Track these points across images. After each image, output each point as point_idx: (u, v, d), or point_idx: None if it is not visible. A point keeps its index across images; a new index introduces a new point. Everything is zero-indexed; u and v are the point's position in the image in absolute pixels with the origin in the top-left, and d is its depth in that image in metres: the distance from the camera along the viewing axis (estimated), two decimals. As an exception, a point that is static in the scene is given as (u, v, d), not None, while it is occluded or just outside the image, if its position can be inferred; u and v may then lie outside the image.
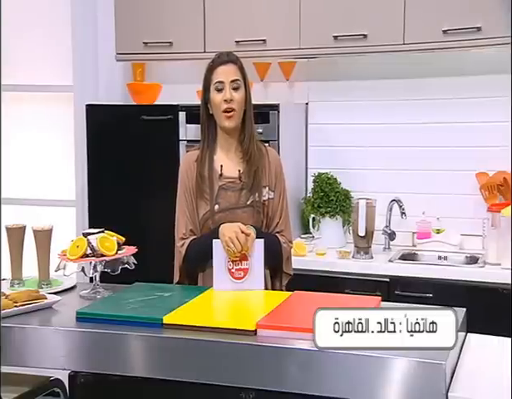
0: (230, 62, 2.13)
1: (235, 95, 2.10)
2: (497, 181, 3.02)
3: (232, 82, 2.11)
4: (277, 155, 2.24)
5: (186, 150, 3.19)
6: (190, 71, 3.52)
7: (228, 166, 2.16)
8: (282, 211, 2.18)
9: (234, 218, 2.09)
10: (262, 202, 2.13)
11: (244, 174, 2.14)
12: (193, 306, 1.86)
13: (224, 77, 2.11)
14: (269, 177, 2.17)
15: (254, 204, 2.12)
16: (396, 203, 3.12)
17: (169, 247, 3.24)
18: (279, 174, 2.20)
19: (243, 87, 2.13)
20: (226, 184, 2.14)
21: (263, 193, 2.14)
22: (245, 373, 1.62)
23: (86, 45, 3.50)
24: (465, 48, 2.84)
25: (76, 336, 1.76)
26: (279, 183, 2.19)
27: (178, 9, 3.26)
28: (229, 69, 2.12)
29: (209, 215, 2.11)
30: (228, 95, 2.09)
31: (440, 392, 1.46)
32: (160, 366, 1.70)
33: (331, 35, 2.98)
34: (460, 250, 3.09)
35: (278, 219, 2.18)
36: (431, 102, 3.18)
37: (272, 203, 2.16)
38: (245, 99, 2.13)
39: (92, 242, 1.99)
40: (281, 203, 2.18)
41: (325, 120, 3.36)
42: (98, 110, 3.34)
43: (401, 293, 2.78)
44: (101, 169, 3.37)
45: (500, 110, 3.05)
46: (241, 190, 2.13)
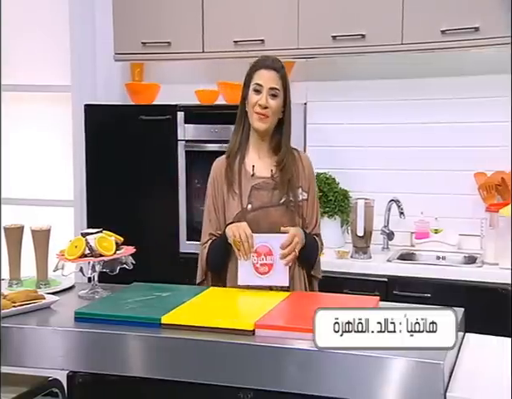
0: (273, 70, 2.11)
1: (271, 102, 2.09)
2: (495, 181, 3.02)
3: (270, 89, 2.09)
4: (310, 161, 2.24)
5: (185, 149, 3.20)
6: (189, 71, 3.53)
7: (260, 167, 2.15)
8: (317, 215, 2.21)
9: (267, 216, 2.09)
10: (297, 202, 2.13)
11: (277, 175, 2.14)
12: (191, 306, 1.86)
13: (263, 81, 2.10)
14: (303, 179, 2.17)
15: (288, 204, 2.12)
16: (395, 203, 3.13)
17: (168, 247, 3.26)
18: (312, 178, 2.21)
19: (281, 96, 2.11)
20: (259, 184, 2.13)
21: (297, 193, 2.14)
22: (243, 373, 1.62)
23: (84, 45, 3.50)
24: (464, 48, 2.84)
25: (75, 336, 1.76)
26: (312, 187, 2.20)
27: (176, 9, 3.26)
28: (271, 75, 2.10)
29: (242, 215, 2.10)
30: (263, 100, 2.08)
31: (438, 392, 1.46)
32: (159, 366, 1.70)
33: (329, 35, 2.98)
34: (459, 250, 3.10)
35: (314, 223, 2.19)
36: (430, 102, 3.18)
37: (306, 205, 2.16)
38: (283, 107, 2.12)
39: (90, 242, 1.99)
40: (316, 206, 2.21)
41: (324, 120, 3.36)
42: (96, 110, 3.34)
43: (400, 293, 2.78)
44: (100, 170, 3.36)
45: (499, 111, 3.05)
46: (274, 190, 2.12)
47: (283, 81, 2.12)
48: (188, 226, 3.21)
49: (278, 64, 2.14)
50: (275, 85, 2.10)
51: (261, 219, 2.08)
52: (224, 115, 3.16)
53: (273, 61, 2.14)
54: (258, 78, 2.11)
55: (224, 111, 3.19)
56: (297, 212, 2.13)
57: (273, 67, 2.11)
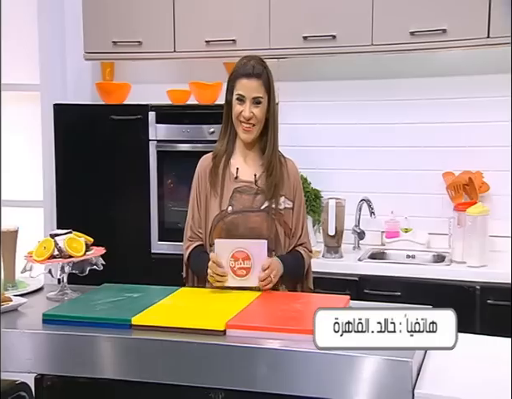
0: (254, 77, 2.05)
1: (255, 110, 2.06)
2: (463, 181, 3.07)
3: (253, 99, 2.05)
4: (296, 168, 2.21)
5: (156, 149, 3.19)
6: (160, 71, 3.52)
7: (245, 170, 2.13)
8: (303, 223, 2.18)
9: (247, 220, 2.08)
10: (278, 210, 2.11)
11: (261, 180, 2.11)
12: (162, 307, 1.85)
13: (246, 92, 2.05)
14: (287, 188, 2.14)
15: (269, 210, 2.09)
16: (366, 202, 3.16)
17: (139, 247, 3.24)
18: (298, 186, 2.18)
19: (265, 100, 2.07)
20: (241, 188, 2.11)
21: (280, 201, 2.11)
22: (214, 373, 1.62)
23: (54, 43, 3.45)
24: (432, 50, 2.89)
25: (43, 338, 1.73)
26: (299, 195, 2.17)
27: (147, 8, 3.24)
28: (252, 85, 2.05)
29: (221, 217, 2.09)
30: (247, 112, 2.05)
31: (406, 389, 1.48)
32: (129, 367, 1.69)
33: (300, 35, 3.00)
34: (428, 249, 3.15)
35: (301, 232, 2.17)
36: (399, 103, 3.22)
37: (290, 213, 2.13)
38: (268, 111, 2.08)
39: (60, 243, 1.96)
40: (302, 215, 2.18)
41: (295, 121, 3.38)
42: (66, 109, 3.30)
43: (370, 292, 2.81)
44: (70, 170, 3.33)
45: (467, 111, 3.11)
46: (256, 195, 2.11)
47: (266, 85, 2.08)
48: (159, 226, 3.20)
49: (260, 68, 2.08)
50: (257, 94, 2.05)
51: (240, 223, 2.08)
52: (195, 115, 3.16)
53: (253, 66, 2.07)
54: (239, 88, 2.06)
55: (195, 111, 3.19)
56: (279, 220, 2.11)
57: (254, 75, 2.05)
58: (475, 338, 1.87)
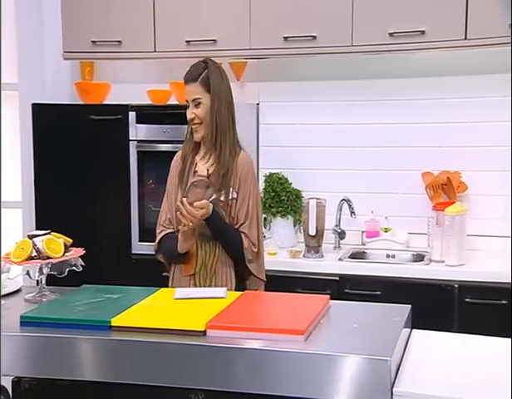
0: (192, 81, 2.23)
1: (197, 111, 2.23)
2: (441, 181, 3.11)
3: (193, 101, 2.24)
4: (246, 159, 2.28)
5: (137, 150, 3.17)
6: (140, 71, 3.50)
7: (202, 165, 2.29)
8: (247, 213, 2.23)
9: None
10: (226, 201, 2.21)
11: (214, 174, 2.24)
12: (142, 307, 1.84)
13: (187, 97, 2.26)
14: (234, 179, 2.23)
15: (216, 202, 2.20)
16: (346, 202, 3.18)
17: (119, 248, 3.21)
18: (245, 176, 2.25)
19: (206, 100, 2.22)
20: (197, 182, 2.26)
21: (229, 192, 2.22)
22: (195, 374, 1.61)
23: (32, 42, 3.42)
24: (411, 51, 2.92)
25: (20, 340, 1.71)
26: (244, 185, 2.24)
27: (127, 7, 3.22)
28: (190, 89, 2.24)
29: (176, 208, 2.22)
30: (188, 115, 2.25)
31: (385, 388, 1.49)
32: (109, 369, 1.68)
33: (281, 36, 3.01)
34: (407, 248, 3.17)
35: (243, 221, 2.23)
36: (379, 103, 3.25)
37: (235, 203, 2.23)
38: (211, 108, 2.22)
39: (38, 244, 1.94)
40: (246, 205, 2.24)
41: (276, 121, 3.39)
42: (45, 109, 3.27)
43: (351, 292, 2.83)
44: (49, 170, 3.29)
45: (446, 112, 3.15)
46: (207, 188, 2.24)
47: (205, 85, 2.22)
48: (140, 227, 3.18)
49: (197, 71, 2.24)
50: (195, 95, 2.23)
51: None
52: (176, 116, 3.13)
53: (190, 72, 2.25)
54: (185, 95, 2.27)
55: (176, 111, 3.15)
56: (227, 211, 2.22)
57: (191, 79, 2.24)
58: (453, 337, 1.89)
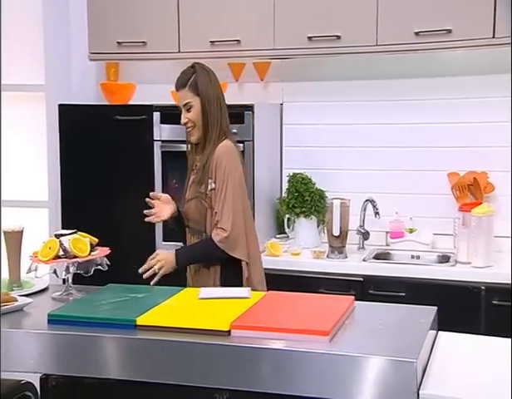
0: (181, 87, 2.33)
1: (189, 115, 2.33)
2: (467, 181, 3.06)
3: (184, 106, 2.33)
4: (222, 149, 2.31)
5: (161, 150, 3.19)
6: (165, 71, 3.51)
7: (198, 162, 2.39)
8: (219, 200, 2.28)
9: (187, 208, 2.38)
10: (205, 193, 2.30)
11: (199, 168, 2.34)
12: (166, 307, 1.85)
13: (179, 102, 2.35)
14: (212, 169, 2.30)
15: (199, 195, 2.31)
16: (370, 203, 3.15)
17: (144, 248, 3.23)
18: (219, 163, 2.29)
19: (197, 103, 2.30)
20: (193, 178, 2.38)
21: (208, 184, 2.30)
22: (219, 374, 1.62)
23: (59, 44, 3.46)
24: (436, 50, 2.88)
25: (48, 338, 1.74)
26: (218, 174, 2.28)
27: (152, 9, 3.24)
28: (181, 95, 2.34)
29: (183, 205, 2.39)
30: (182, 120, 2.34)
31: (411, 390, 1.48)
32: (133, 367, 1.69)
33: (305, 36, 3.00)
34: (433, 249, 3.14)
35: (216, 209, 2.29)
36: (404, 103, 3.22)
37: (214, 194, 2.29)
38: (202, 110, 2.30)
39: (64, 243, 1.97)
40: (219, 193, 2.28)
41: (299, 121, 3.38)
42: (71, 109, 3.31)
43: (375, 293, 2.81)
44: (74, 170, 3.33)
45: (472, 111, 3.10)
46: (193, 183, 2.36)
47: (194, 89, 2.31)
48: (164, 227, 3.20)
49: (186, 76, 2.32)
50: (185, 100, 2.32)
51: (186, 212, 2.38)
52: (200, 116, 3.16)
53: (179, 79, 2.34)
54: (177, 100, 2.36)
55: (200, 112, 3.18)
56: (208, 203, 2.30)
57: (180, 85, 2.33)
58: (480, 339, 1.87)
